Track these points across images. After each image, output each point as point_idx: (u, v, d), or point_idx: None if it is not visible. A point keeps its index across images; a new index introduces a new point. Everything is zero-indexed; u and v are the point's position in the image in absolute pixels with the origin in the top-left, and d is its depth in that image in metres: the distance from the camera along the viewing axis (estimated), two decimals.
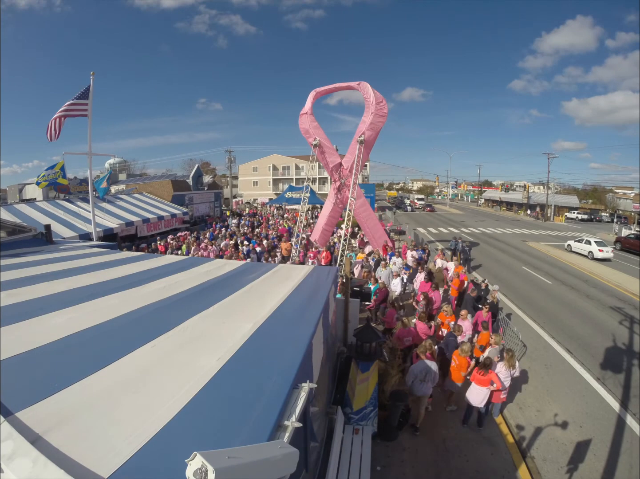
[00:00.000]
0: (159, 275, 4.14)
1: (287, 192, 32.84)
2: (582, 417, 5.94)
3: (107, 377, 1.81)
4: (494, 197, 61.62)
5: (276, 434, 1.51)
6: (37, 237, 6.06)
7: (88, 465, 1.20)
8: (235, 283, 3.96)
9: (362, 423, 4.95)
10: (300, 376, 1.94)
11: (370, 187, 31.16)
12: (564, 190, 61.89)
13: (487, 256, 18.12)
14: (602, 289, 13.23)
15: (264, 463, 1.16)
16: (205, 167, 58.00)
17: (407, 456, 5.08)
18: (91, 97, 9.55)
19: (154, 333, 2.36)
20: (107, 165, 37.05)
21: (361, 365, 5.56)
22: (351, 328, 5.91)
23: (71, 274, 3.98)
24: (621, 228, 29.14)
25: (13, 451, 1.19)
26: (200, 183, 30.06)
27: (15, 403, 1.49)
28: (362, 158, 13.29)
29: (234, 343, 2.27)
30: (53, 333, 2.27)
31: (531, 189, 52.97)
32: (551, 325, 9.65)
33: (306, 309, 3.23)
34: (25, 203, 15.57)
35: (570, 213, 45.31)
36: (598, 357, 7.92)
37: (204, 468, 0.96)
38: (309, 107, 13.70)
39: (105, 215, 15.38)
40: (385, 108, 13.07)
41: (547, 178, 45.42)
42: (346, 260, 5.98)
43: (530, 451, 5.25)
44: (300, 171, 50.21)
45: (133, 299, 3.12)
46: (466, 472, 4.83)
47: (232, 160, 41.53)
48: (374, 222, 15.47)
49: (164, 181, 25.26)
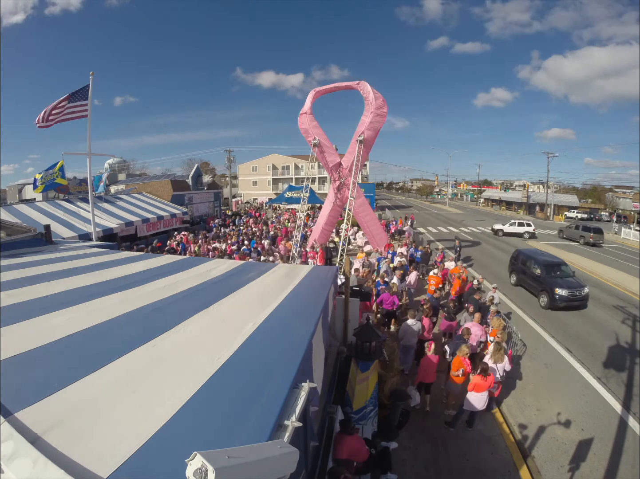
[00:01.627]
0: (158, 275, 4.13)
1: (287, 191, 32.86)
2: (582, 416, 5.94)
3: (107, 377, 1.81)
4: (493, 197, 61.64)
5: (276, 434, 1.50)
6: (36, 237, 6.06)
7: (88, 465, 1.20)
8: (235, 282, 3.96)
9: (362, 423, 4.95)
10: (300, 376, 1.94)
11: (369, 187, 31.21)
12: (564, 189, 61.93)
13: (488, 256, 18.13)
14: (602, 288, 13.24)
15: (264, 462, 1.16)
16: (205, 166, 57.98)
17: (407, 455, 5.09)
18: (90, 97, 9.54)
19: (154, 333, 2.36)
20: (106, 165, 37.00)
21: (361, 364, 5.55)
22: (351, 328, 5.91)
23: (71, 274, 3.98)
24: (621, 228, 29.19)
25: (13, 452, 1.19)
26: (199, 183, 30.07)
27: (15, 403, 1.49)
28: (361, 157, 13.30)
29: (234, 343, 2.27)
30: (53, 333, 2.26)
31: (531, 188, 53.00)
32: (551, 324, 9.65)
33: (306, 309, 3.23)
34: (25, 203, 15.57)
35: (570, 212, 45.32)
36: (598, 356, 7.92)
37: (204, 468, 0.96)
38: (308, 106, 13.69)
39: (105, 215, 15.37)
40: (384, 107, 13.05)
41: (547, 177, 45.51)
42: (346, 260, 5.97)
43: (530, 450, 5.26)
44: (299, 170, 50.19)
45: (133, 299, 3.12)
46: (466, 471, 4.83)
47: (232, 159, 41.56)
48: (374, 221, 15.48)
49: (164, 181, 25.24)
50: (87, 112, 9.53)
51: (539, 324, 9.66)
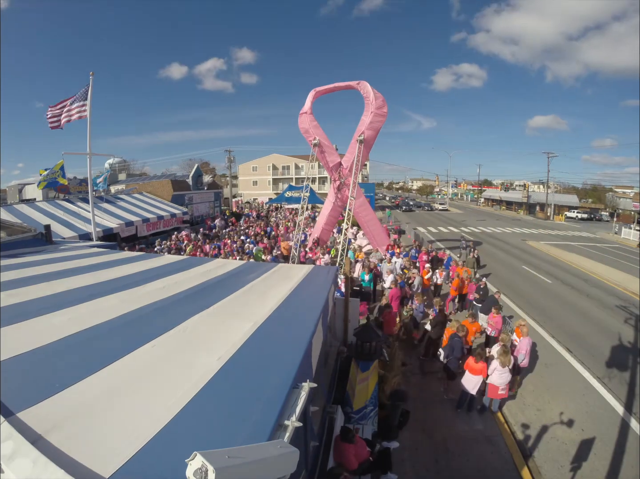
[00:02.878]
0: (158, 275, 4.14)
1: (287, 191, 32.77)
2: (582, 416, 5.94)
3: (107, 377, 1.81)
4: (493, 196, 61.59)
5: (276, 433, 1.50)
6: (37, 237, 6.06)
7: (88, 465, 1.21)
8: (235, 282, 3.96)
9: (362, 423, 4.95)
10: (300, 376, 1.94)
11: (370, 186, 31.14)
12: (564, 189, 61.88)
13: (488, 256, 18.11)
14: (602, 288, 13.23)
15: (264, 462, 1.16)
16: (205, 166, 57.96)
17: (407, 455, 5.09)
18: (90, 98, 9.54)
19: (154, 333, 2.36)
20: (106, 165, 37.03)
21: (361, 364, 5.56)
22: (351, 328, 5.92)
23: (71, 274, 3.98)
24: (621, 228, 29.24)
25: (13, 451, 1.20)
26: (200, 183, 30.01)
27: (15, 403, 1.49)
28: (361, 157, 13.30)
29: (234, 343, 2.27)
30: (53, 333, 2.27)
31: (531, 188, 52.97)
32: (551, 324, 9.64)
33: (306, 309, 3.24)
34: (25, 203, 15.55)
35: (570, 212, 45.29)
36: (598, 356, 7.92)
37: (204, 468, 0.96)
38: (308, 106, 13.68)
39: (105, 215, 15.38)
40: (384, 107, 13.05)
41: (547, 177, 45.48)
42: (346, 260, 5.98)
43: (530, 450, 5.25)
44: (300, 170, 50.17)
45: (133, 299, 3.12)
46: (466, 471, 4.83)
47: (232, 159, 41.52)
48: (374, 221, 15.47)
49: (164, 181, 25.21)
50: (86, 112, 9.54)
51: (539, 324, 9.65)
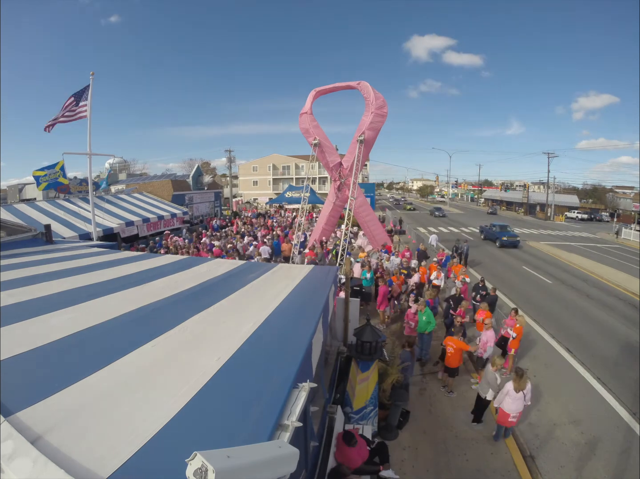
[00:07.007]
0: (158, 275, 4.14)
1: (287, 191, 32.82)
2: (582, 416, 5.94)
3: (107, 377, 1.81)
4: (494, 197, 61.60)
5: (276, 433, 1.51)
6: (37, 237, 6.07)
7: (88, 465, 1.20)
8: (235, 282, 3.96)
9: (362, 423, 4.96)
10: (300, 376, 1.94)
11: (370, 187, 31.17)
12: (564, 189, 61.87)
13: (488, 256, 18.12)
14: (602, 288, 13.23)
15: (264, 462, 1.16)
16: (205, 166, 57.95)
17: (407, 455, 5.09)
18: (90, 98, 9.54)
19: (154, 333, 2.36)
20: (107, 164, 36.99)
21: (361, 364, 5.55)
22: (351, 328, 5.91)
23: (71, 274, 3.98)
24: (621, 228, 29.26)
25: (13, 451, 1.20)
26: (200, 182, 30.05)
27: (15, 403, 1.49)
28: (362, 157, 13.30)
29: (234, 343, 2.27)
30: (53, 333, 2.27)
31: (531, 188, 52.97)
32: (551, 324, 9.64)
33: (306, 309, 3.24)
34: (25, 203, 15.54)
35: (571, 212, 45.29)
36: (598, 356, 7.92)
37: (204, 468, 0.96)
38: (308, 106, 13.69)
39: (106, 215, 15.38)
40: (385, 107, 13.05)
41: (547, 177, 45.48)
42: (346, 260, 5.97)
43: (530, 450, 5.25)
44: (300, 170, 50.15)
45: (133, 299, 3.12)
46: (466, 471, 4.83)
47: (232, 159, 41.51)
48: (374, 221, 15.48)
49: (164, 181, 25.21)
50: (86, 112, 9.54)
51: (539, 324, 9.65)
